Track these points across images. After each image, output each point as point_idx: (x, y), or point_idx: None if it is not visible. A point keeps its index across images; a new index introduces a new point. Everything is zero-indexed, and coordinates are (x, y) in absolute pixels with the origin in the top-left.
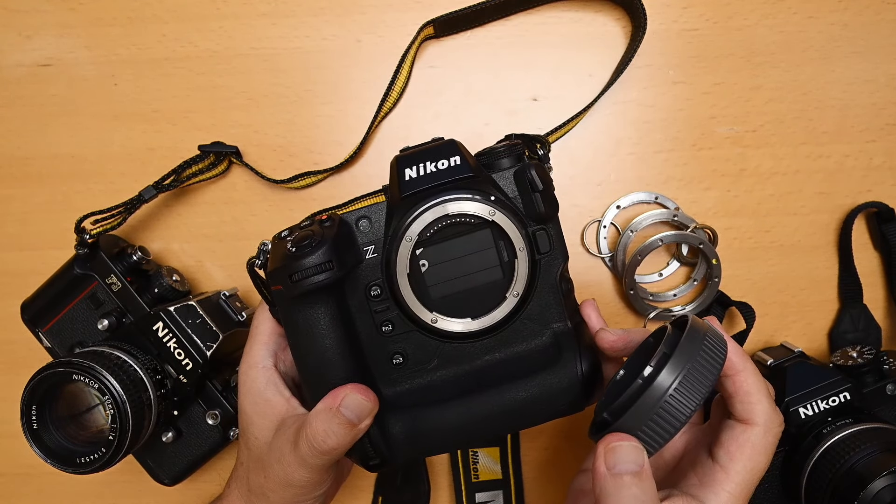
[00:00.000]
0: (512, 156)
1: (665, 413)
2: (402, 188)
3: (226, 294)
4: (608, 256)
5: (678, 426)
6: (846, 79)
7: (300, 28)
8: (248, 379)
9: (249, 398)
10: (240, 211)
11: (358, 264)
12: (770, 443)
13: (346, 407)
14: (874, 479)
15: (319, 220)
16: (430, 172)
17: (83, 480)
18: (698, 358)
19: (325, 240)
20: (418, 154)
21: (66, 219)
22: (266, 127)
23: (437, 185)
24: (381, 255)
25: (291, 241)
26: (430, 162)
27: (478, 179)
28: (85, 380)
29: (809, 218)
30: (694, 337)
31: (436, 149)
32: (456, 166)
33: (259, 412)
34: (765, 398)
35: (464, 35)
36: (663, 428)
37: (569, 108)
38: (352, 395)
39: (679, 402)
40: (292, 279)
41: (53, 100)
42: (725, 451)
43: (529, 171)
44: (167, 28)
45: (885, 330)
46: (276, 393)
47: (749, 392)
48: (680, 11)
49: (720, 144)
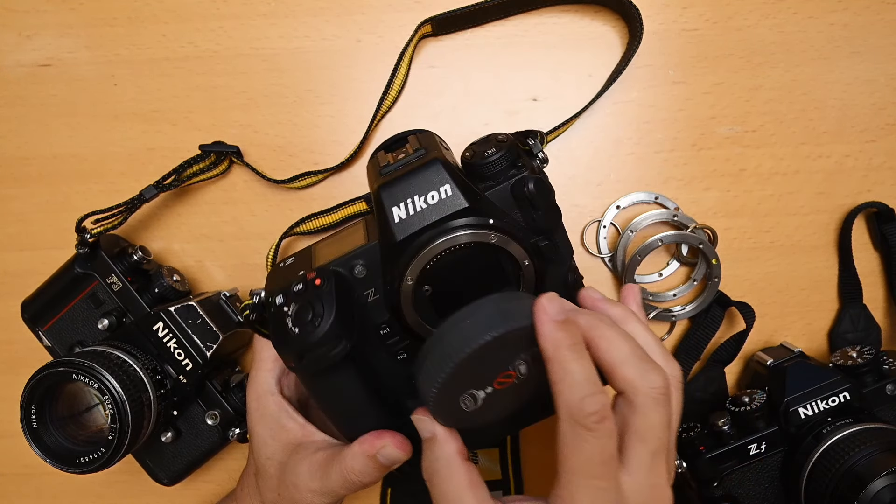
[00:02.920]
0: (505, 163)
1: (423, 389)
2: (396, 232)
3: (226, 294)
4: (608, 256)
5: (430, 398)
6: (846, 79)
7: (300, 28)
8: (260, 405)
9: (264, 423)
10: (240, 211)
11: (362, 308)
12: (581, 437)
13: (382, 455)
14: (874, 479)
15: (312, 283)
16: (421, 210)
17: (83, 480)
18: (444, 337)
19: (328, 310)
20: (403, 185)
21: (66, 219)
22: (266, 127)
23: (431, 225)
24: (383, 295)
25: (291, 318)
26: (419, 196)
27: (473, 209)
28: (85, 379)
29: (809, 218)
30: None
31: (421, 175)
32: (448, 198)
33: (274, 436)
34: (568, 388)
35: (463, 35)
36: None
37: (569, 108)
38: (390, 447)
39: (428, 375)
40: (303, 362)
41: (53, 100)
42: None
43: (527, 187)
44: (167, 28)
45: (885, 330)
46: (290, 419)
47: (554, 382)
48: (680, 11)
49: (720, 144)
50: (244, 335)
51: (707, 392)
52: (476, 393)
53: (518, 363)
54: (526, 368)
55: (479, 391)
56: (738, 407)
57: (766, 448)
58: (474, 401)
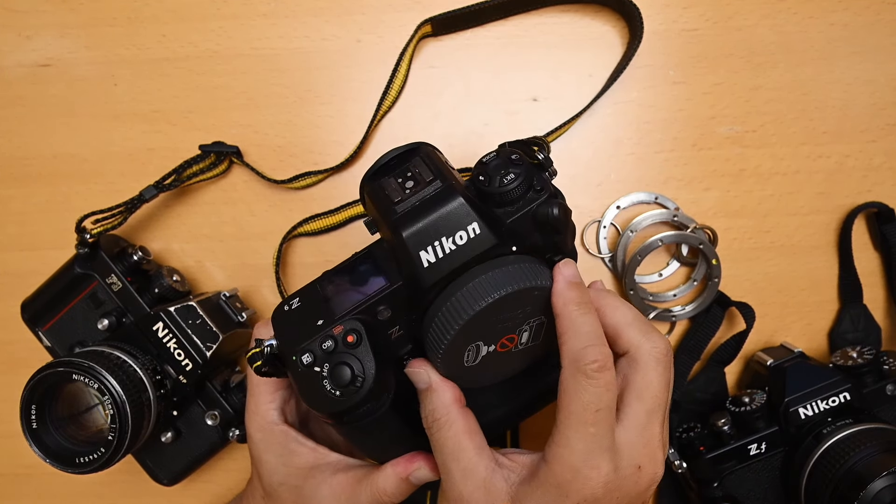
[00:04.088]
0: (524, 188)
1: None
2: (426, 277)
3: (226, 294)
4: (608, 256)
5: (446, 339)
6: (846, 79)
7: (300, 28)
8: (265, 436)
9: (272, 451)
10: (240, 211)
11: (388, 346)
12: (580, 383)
13: (415, 477)
14: (874, 480)
15: (343, 339)
16: (451, 251)
17: (83, 480)
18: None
19: (367, 370)
20: (428, 228)
21: (66, 219)
22: (266, 127)
23: (463, 266)
24: (407, 331)
25: (328, 380)
26: (446, 238)
27: (501, 244)
28: (85, 380)
29: (809, 218)
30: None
31: (446, 217)
32: (477, 237)
33: (286, 463)
34: (572, 338)
35: (463, 35)
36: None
37: (569, 108)
38: (424, 470)
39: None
40: (345, 421)
41: (53, 100)
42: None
43: (552, 213)
44: (167, 28)
45: (885, 330)
46: (300, 445)
47: (560, 334)
48: (680, 11)
49: (720, 144)
50: (244, 335)
51: (707, 392)
52: (480, 347)
53: (523, 328)
54: (528, 337)
55: (484, 346)
56: (738, 407)
57: (767, 448)
58: (476, 355)
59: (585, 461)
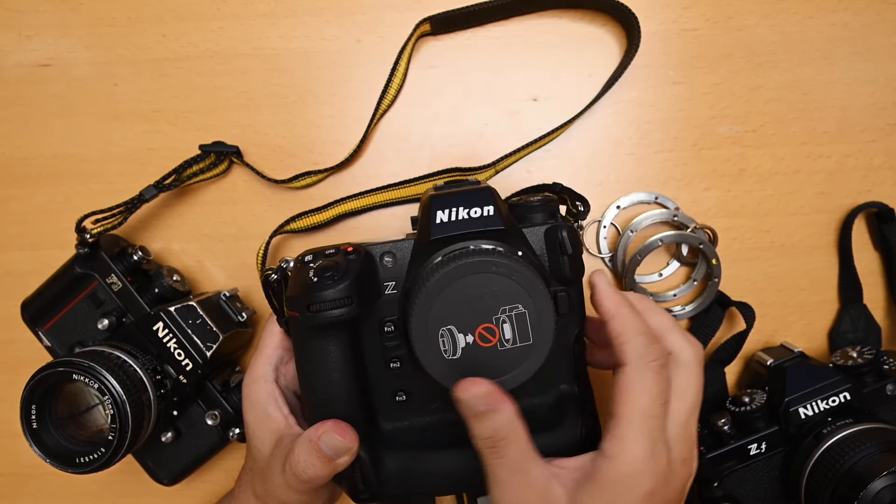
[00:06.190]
0: (545, 212)
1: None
2: (433, 231)
3: (226, 294)
4: (608, 256)
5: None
6: (846, 79)
7: (300, 28)
8: (251, 392)
9: (252, 411)
10: (240, 211)
11: (377, 298)
12: (649, 378)
13: (323, 443)
14: (874, 480)
15: (344, 251)
16: (462, 219)
17: (83, 480)
18: None
19: (348, 274)
20: (453, 197)
21: (66, 219)
22: (266, 127)
23: (467, 234)
24: (401, 292)
25: (314, 270)
26: (463, 208)
27: (508, 233)
28: (85, 379)
29: (809, 218)
30: None
31: (471, 194)
32: (489, 216)
33: (261, 426)
34: (635, 336)
35: (463, 35)
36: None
37: (569, 108)
38: (328, 433)
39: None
40: (310, 309)
41: (53, 100)
42: (613, 397)
43: (560, 233)
44: (167, 28)
45: (885, 330)
46: (276, 409)
47: (619, 334)
48: (680, 11)
49: (720, 144)
50: (244, 335)
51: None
52: (455, 334)
53: (501, 318)
54: (511, 333)
55: (459, 334)
56: (739, 407)
57: (767, 448)
58: (453, 345)
59: (652, 453)
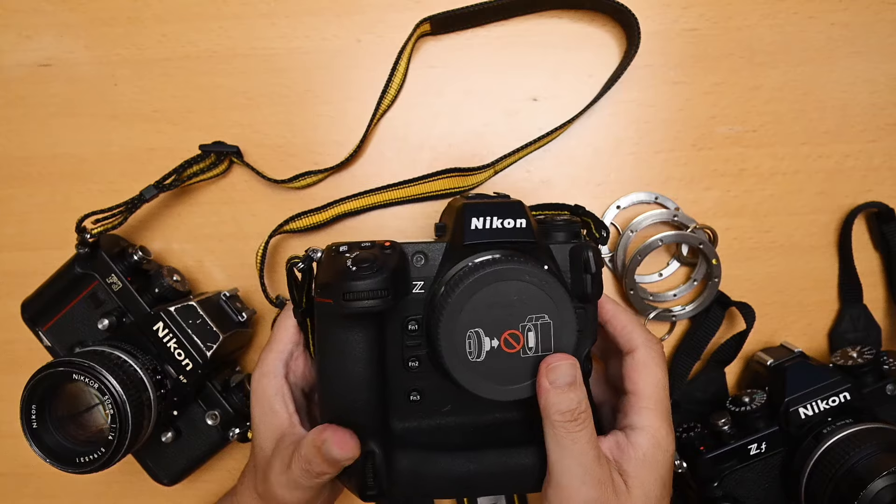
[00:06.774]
0: (570, 231)
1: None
2: (466, 236)
3: (226, 294)
4: (608, 256)
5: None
6: (846, 79)
7: (300, 28)
8: (259, 386)
9: (258, 406)
10: (240, 211)
11: (405, 296)
12: (656, 354)
13: (325, 450)
14: (874, 479)
15: (381, 245)
16: (496, 228)
17: (83, 480)
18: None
19: (387, 267)
20: (487, 206)
21: (66, 219)
22: (266, 127)
23: (498, 242)
24: (428, 293)
25: (352, 259)
26: (497, 217)
27: (537, 246)
28: (85, 379)
29: (809, 218)
30: None
31: (504, 206)
32: (520, 229)
33: (265, 421)
34: (637, 326)
35: (463, 35)
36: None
37: (569, 108)
38: (329, 443)
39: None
40: (345, 297)
41: (53, 100)
42: (629, 379)
43: (586, 252)
44: (167, 28)
45: (885, 330)
46: (282, 405)
47: (624, 326)
48: (680, 11)
49: (720, 144)
50: (244, 335)
51: (707, 392)
52: (482, 337)
53: (527, 325)
54: (535, 341)
55: (486, 337)
56: (739, 407)
57: (767, 448)
58: (478, 347)
59: (668, 419)
